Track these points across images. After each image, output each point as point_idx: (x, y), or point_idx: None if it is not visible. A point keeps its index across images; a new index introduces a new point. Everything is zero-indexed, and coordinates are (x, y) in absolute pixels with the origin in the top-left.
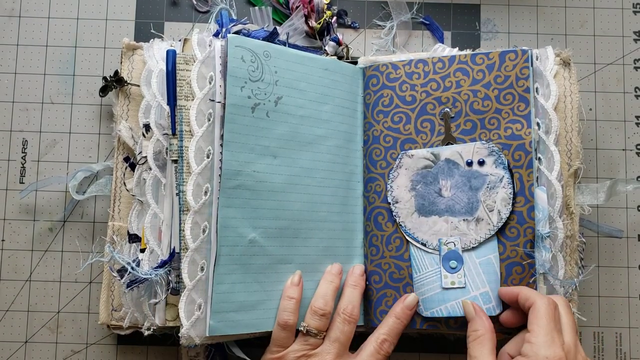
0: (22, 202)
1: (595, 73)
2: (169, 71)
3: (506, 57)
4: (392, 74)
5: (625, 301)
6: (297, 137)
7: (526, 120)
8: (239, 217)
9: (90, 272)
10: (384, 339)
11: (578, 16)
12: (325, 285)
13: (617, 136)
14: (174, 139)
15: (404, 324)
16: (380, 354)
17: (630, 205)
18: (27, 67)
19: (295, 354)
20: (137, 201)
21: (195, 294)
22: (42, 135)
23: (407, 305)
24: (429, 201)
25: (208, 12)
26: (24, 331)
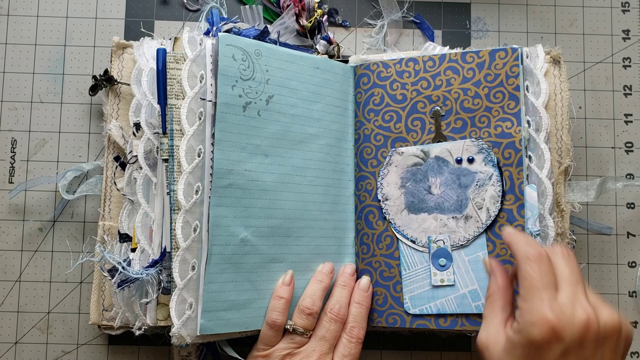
0: (11, 202)
1: (585, 71)
2: (160, 70)
3: (496, 55)
4: (382, 73)
5: (614, 298)
6: (288, 135)
7: (516, 118)
8: (230, 216)
9: (80, 272)
10: (352, 326)
11: (567, 15)
12: (315, 285)
13: (606, 134)
14: (165, 137)
15: (366, 307)
16: (352, 341)
17: (620, 202)
18: (16, 66)
19: (280, 352)
20: (127, 200)
21: (187, 293)
22: (31, 135)
23: (362, 288)
24: (418, 198)
25: (198, 10)
26: (13, 332)
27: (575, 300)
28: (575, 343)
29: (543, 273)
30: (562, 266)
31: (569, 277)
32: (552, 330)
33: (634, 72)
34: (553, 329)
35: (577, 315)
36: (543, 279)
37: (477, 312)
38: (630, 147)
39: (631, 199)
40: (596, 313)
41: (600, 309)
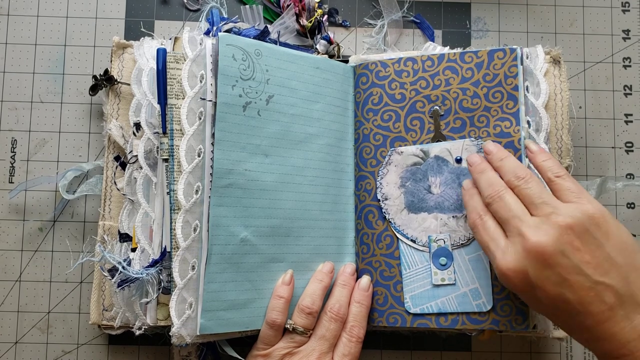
0: (11, 202)
1: (585, 71)
2: (160, 70)
3: (495, 55)
4: (381, 72)
5: None
6: (288, 135)
7: (515, 118)
8: (231, 216)
9: (80, 272)
10: (352, 325)
11: (568, 15)
12: (315, 284)
13: (606, 134)
14: (165, 137)
15: (366, 306)
16: (352, 340)
17: (620, 202)
18: (16, 66)
19: (280, 351)
20: (127, 200)
21: (187, 293)
22: (31, 135)
23: (362, 288)
24: (418, 198)
25: (199, 10)
26: (14, 332)
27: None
28: (536, 273)
29: (485, 233)
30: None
31: (504, 215)
32: (510, 275)
33: (634, 72)
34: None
35: (521, 249)
36: (487, 237)
37: (478, 310)
38: (630, 147)
39: (631, 199)
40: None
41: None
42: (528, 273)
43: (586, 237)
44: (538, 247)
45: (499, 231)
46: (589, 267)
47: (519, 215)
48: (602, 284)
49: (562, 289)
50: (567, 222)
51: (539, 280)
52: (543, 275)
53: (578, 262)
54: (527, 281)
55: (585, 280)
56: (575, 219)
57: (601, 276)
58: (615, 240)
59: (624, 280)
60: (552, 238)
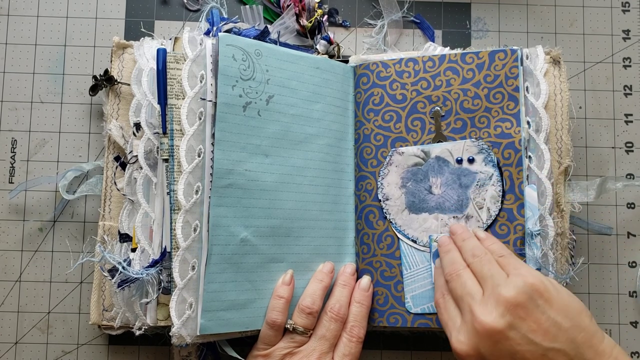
0: (11, 202)
1: (585, 71)
2: (160, 70)
3: (496, 56)
4: (382, 73)
5: (615, 298)
6: (288, 135)
7: (515, 119)
8: (231, 216)
9: (80, 272)
10: (352, 325)
11: (568, 15)
12: (315, 284)
13: (606, 134)
14: (165, 137)
15: (366, 306)
16: (353, 340)
17: (620, 202)
18: (16, 66)
19: (281, 351)
20: (128, 200)
21: (187, 293)
22: (31, 135)
23: (363, 287)
24: (419, 198)
25: (199, 10)
26: (14, 332)
27: (469, 313)
28: (488, 351)
29: (445, 310)
30: (452, 287)
31: (456, 293)
32: (464, 355)
33: (634, 72)
34: (463, 354)
35: (472, 329)
36: (446, 315)
37: None
38: (630, 147)
39: (631, 199)
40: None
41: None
42: (481, 352)
43: (530, 306)
44: (486, 325)
45: (457, 312)
46: (537, 335)
47: (471, 293)
48: (552, 349)
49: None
50: (510, 294)
51: (493, 356)
52: (495, 351)
53: (526, 331)
54: (482, 359)
55: (536, 348)
56: (518, 289)
57: (550, 342)
58: (558, 305)
59: (572, 342)
60: (499, 313)
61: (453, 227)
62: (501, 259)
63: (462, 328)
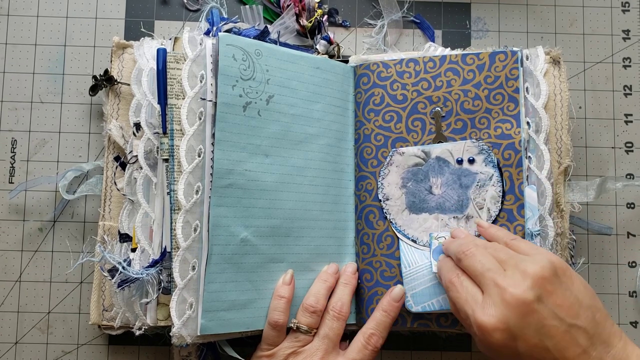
0: (11, 202)
1: (585, 71)
2: (160, 70)
3: (496, 57)
4: (383, 73)
5: (615, 298)
6: (288, 135)
7: (515, 120)
8: (231, 216)
9: (80, 272)
10: (372, 333)
11: (567, 15)
12: (319, 284)
13: (606, 134)
14: (165, 137)
15: (392, 317)
16: (368, 348)
17: (620, 202)
18: (16, 66)
19: (285, 351)
20: (128, 200)
21: (187, 293)
22: (31, 135)
23: (394, 297)
24: (419, 198)
25: (198, 10)
26: (14, 332)
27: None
28: (517, 323)
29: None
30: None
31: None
32: (491, 329)
33: (634, 72)
34: (490, 328)
35: (501, 301)
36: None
37: None
38: (630, 147)
39: (631, 199)
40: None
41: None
42: (509, 325)
43: (555, 282)
44: (518, 296)
45: (477, 289)
46: (562, 311)
47: (492, 268)
48: (575, 326)
49: (541, 337)
50: (536, 269)
51: (521, 330)
52: (524, 324)
53: (552, 306)
54: (509, 333)
55: (561, 324)
56: (543, 265)
57: (573, 319)
58: (578, 284)
59: (592, 321)
60: (528, 286)
61: (455, 232)
62: (513, 242)
63: (488, 302)
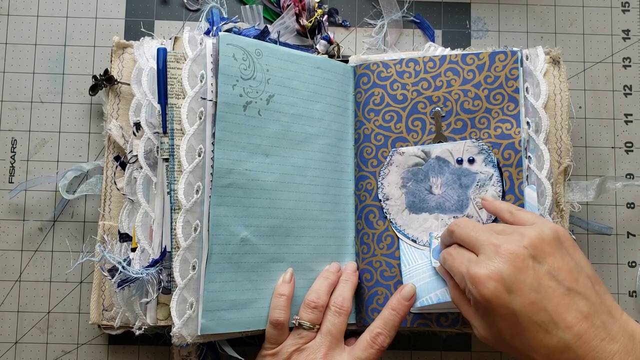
0: (11, 202)
1: (585, 71)
2: (160, 69)
3: (496, 57)
4: (383, 73)
5: (615, 298)
6: (288, 135)
7: (515, 120)
8: (231, 216)
9: (80, 272)
10: (379, 332)
11: (567, 15)
12: (320, 281)
13: (606, 134)
14: (165, 137)
15: (401, 316)
16: (374, 347)
17: (620, 202)
18: (16, 66)
19: (288, 349)
20: (127, 200)
21: (187, 293)
22: (31, 135)
23: (404, 295)
24: (419, 198)
25: (199, 10)
26: (13, 332)
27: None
28: (512, 274)
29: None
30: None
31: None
32: (485, 279)
33: (634, 72)
34: (485, 278)
35: (495, 253)
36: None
37: None
38: (630, 147)
39: (631, 199)
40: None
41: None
42: (504, 276)
43: (555, 245)
44: (512, 251)
45: (471, 253)
46: (561, 273)
47: (487, 231)
48: (574, 290)
49: (538, 295)
50: (535, 233)
51: (515, 284)
52: (519, 278)
53: (550, 267)
54: (503, 284)
55: (558, 286)
56: (542, 232)
57: (572, 283)
58: (580, 254)
59: (592, 290)
60: (524, 244)
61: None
62: (517, 212)
63: (482, 257)
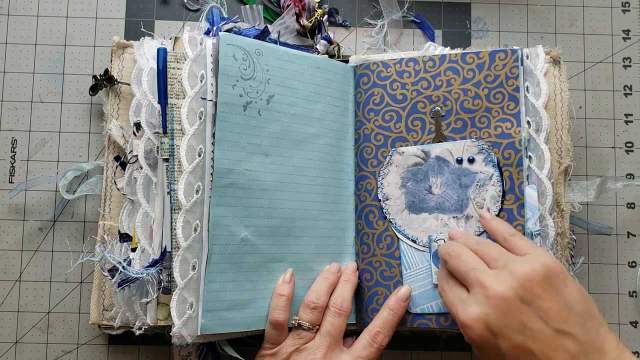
0: (11, 202)
1: (585, 71)
2: (160, 69)
3: (496, 56)
4: (382, 73)
5: (615, 298)
6: (288, 135)
7: (516, 119)
8: (231, 216)
9: (80, 272)
10: (378, 331)
11: (568, 15)
12: (320, 282)
13: (606, 134)
14: (165, 137)
15: (398, 316)
16: (374, 346)
17: (620, 202)
18: (16, 66)
19: (287, 349)
20: (128, 200)
21: (187, 293)
22: (31, 135)
23: (400, 297)
24: (419, 198)
25: (199, 10)
26: (14, 332)
27: (478, 284)
28: (498, 320)
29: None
30: (452, 266)
31: (460, 270)
32: (473, 325)
33: (634, 72)
34: (472, 324)
35: (482, 298)
36: (450, 295)
37: None
38: (630, 147)
39: (631, 199)
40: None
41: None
42: (489, 321)
43: (545, 285)
44: (499, 294)
45: (463, 289)
46: (550, 314)
47: (477, 267)
48: (563, 332)
49: (524, 337)
50: (525, 270)
51: (501, 328)
52: (505, 322)
53: (538, 309)
54: (489, 330)
55: (547, 327)
56: (533, 268)
57: (561, 324)
58: (572, 290)
59: (583, 328)
60: (512, 285)
61: (452, 232)
62: (512, 238)
63: (470, 299)
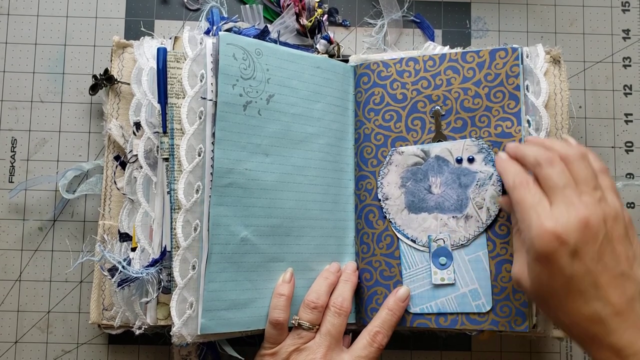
0: (11, 202)
1: (585, 71)
2: (160, 69)
3: (496, 55)
4: (383, 72)
5: None
6: (288, 135)
7: (516, 118)
8: (231, 215)
9: (80, 272)
10: (377, 331)
11: (568, 14)
12: (320, 281)
13: (606, 134)
14: (165, 137)
15: (397, 316)
16: (374, 346)
17: None
18: (16, 66)
19: (287, 349)
20: (127, 200)
21: (187, 293)
22: (31, 134)
23: (399, 297)
24: (418, 198)
25: (199, 10)
26: (13, 331)
27: (569, 202)
28: (580, 241)
29: (529, 193)
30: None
31: (557, 182)
32: (553, 236)
33: (634, 72)
34: (553, 235)
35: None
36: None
37: (477, 311)
38: (630, 147)
39: (631, 199)
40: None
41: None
42: (569, 239)
43: (623, 231)
44: (589, 221)
45: (546, 198)
46: (621, 257)
47: (573, 186)
48: (628, 275)
49: (597, 267)
50: (614, 212)
51: (581, 249)
52: (585, 248)
53: (614, 249)
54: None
55: (616, 266)
56: (619, 212)
57: (628, 269)
58: (636, 243)
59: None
60: (603, 219)
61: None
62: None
63: (555, 212)
